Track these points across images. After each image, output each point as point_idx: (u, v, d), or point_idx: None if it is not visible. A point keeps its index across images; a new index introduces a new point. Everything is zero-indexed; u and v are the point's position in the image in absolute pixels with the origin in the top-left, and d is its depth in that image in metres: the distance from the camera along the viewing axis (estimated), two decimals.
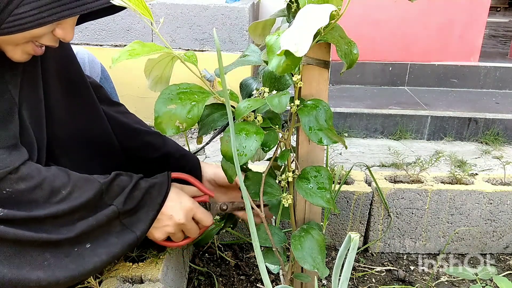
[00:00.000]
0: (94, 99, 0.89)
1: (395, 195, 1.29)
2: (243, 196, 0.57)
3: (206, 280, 1.17)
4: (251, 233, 0.56)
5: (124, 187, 0.77)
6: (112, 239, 0.75)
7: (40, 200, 0.69)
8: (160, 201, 0.81)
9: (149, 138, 0.96)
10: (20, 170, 0.68)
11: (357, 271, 1.26)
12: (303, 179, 0.71)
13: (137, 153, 0.95)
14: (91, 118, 0.88)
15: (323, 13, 0.56)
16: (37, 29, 0.63)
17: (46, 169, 0.72)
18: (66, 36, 0.68)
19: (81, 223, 0.71)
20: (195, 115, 0.64)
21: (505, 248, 1.37)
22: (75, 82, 0.86)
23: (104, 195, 0.75)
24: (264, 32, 0.82)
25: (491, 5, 3.05)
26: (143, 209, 0.79)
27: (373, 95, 2.66)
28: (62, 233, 0.69)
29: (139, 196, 0.78)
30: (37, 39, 0.67)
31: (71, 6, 0.62)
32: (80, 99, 0.87)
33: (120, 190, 0.77)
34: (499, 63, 2.87)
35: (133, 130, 0.95)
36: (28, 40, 0.66)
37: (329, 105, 0.69)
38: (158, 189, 0.81)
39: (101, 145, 0.90)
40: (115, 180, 0.77)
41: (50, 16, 0.61)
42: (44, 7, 0.60)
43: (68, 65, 0.84)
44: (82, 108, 0.87)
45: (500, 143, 2.21)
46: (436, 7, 2.68)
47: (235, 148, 0.55)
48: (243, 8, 2.26)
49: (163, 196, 0.81)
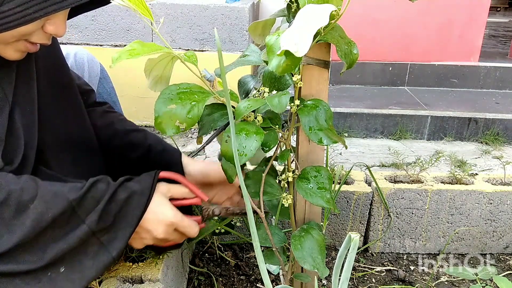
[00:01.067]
0: (80, 101, 0.87)
1: (395, 195, 1.29)
2: (243, 195, 0.57)
3: (206, 280, 1.17)
4: (251, 233, 0.56)
5: (99, 200, 0.70)
6: (87, 261, 0.70)
7: (6, 219, 0.62)
8: (138, 214, 0.73)
9: (131, 137, 0.93)
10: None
11: (357, 271, 1.26)
12: (303, 179, 0.71)
13: (121, 151, 0.92)
14: (78, 122, 0.86)
15: (323, 13, 0.56)
16: (25, 27, 0.61)
17: (14, 179, 0.65)
18: (58, 31, 0.66)
19: (52, 247, 0.66)
20: (195, 115, 0.64)
21: (505, 248, 1.37)
22: (64, 84, 0.84)
23: (77, 210, 0.68)
24: (264, 32, 0.81)
25: (491, 5, 3.05)
26: (120, 225, 0.72)
27: (373, 95, 2.66)
28: (32, 262, 0.64)
29: (115, 209, 0.71)
30: (27, 37, 0.65)
31: (57, 0, 0.59)
32: (67, 101, 0.84)
33: (95, 204, 0.69)
34: (499, 63, 2.87)
35: (115, 130, 0.93)
36: (17, 38, 0.64)
37: (329, 105, 0.69)
38: (138, 200, 0.74)
39: (86, 148, 0.87)
40: (89, 191, 0.69)
41: (37, 12, 0.59)
42: (29, 3, 0.58)
43: (57, 66, 0.83)
44: (69, 111, 0.84)
45: (500, 143, 2.21)
46: (436, 7, 2.68)
47: (235, 148, 0.55)
48: (243, 8, 2.26)
49: (142, 209, 0.74)
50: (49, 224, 0.65)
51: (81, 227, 0.68)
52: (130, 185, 0.75)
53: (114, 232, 0.72)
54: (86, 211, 0.68)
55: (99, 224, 0.69)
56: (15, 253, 0.63)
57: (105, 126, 0.93)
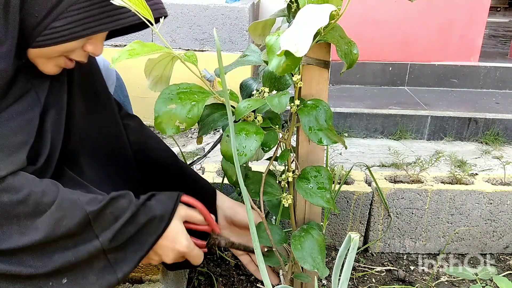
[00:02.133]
0: (116, 114, 0.87)
1: (395, 195, 1.29)
2: (243, 195, 0.57)
3: (206, 280, 1.17)
4: (251, 233, 0.56)
5: (118, 217, 0.69)
6: (91, 277, 0.68)
7: (21, 218, 0.62)
8: (153, 241, 0.73)
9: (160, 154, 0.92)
10: (6, 180, 0.62)
11: (357, 271, 1.26)
12: (303, 179, 0.71)
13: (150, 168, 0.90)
14: (113, 133, 0.86)
15: (323, 13, 0.56)
16: (69, 43, 0.64)
17: (37, 181, 0.65)
18: (96, 51, 0.70)
19: (59, 256, 0.65)
20: (195, 115, 0.64)
21: (505, 248, 1.37)
22: (99, 96, 0.84)
23: (93, 223, 0.67)
24: (264, 32, 0.81)
25: (491, 5, 3.05)
26: (133, 247, 0.71)
27: (373, 95, 2.66)
28: (37, 267, 0.63)
29: (131, 231, 0.70)
30: (68, 54, 0.68)
31: (104, 21, 0.63)
32: (103, 113, 0.85)
33: (112, 221, 0.68)
34: (499, 63, 2.87)
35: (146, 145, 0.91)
36: (60, 54, 0.67)
37: (329, 105, 0.69)
38: (156, 225, 0.73)
39: (118, 160, 0.86)
40: (108, 206, 0.68)
41: (84, 30, 0.63)
42: (79, 22, 0.62)
43: (93, 79, 0.84)
44: (104, 123, 0.84)
45: (500, 143, 2.21)
46: (436, 7, 2.68)
47: (235, 148, 0.55)
48: (243, 8, 2.26)
49: (158, 235, 0.73)
50: (62, 233, 0.64)
51: (93, 242, 0.67)
52: (151, 206, 0.74)
53: (124, 253, 0.70)
54: (102, 227, 0.67)
55: (112, 243, 0.68)
56: (22, 255, 0.63)
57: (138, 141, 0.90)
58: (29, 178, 0.65)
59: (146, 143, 0.91)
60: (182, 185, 0.86)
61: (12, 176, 0.62)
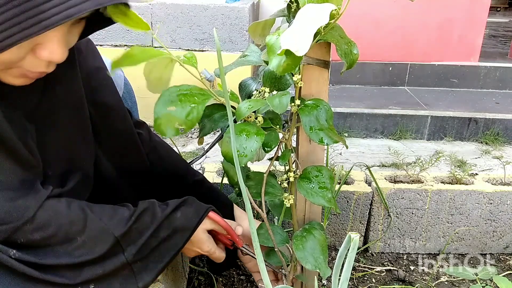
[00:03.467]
0: (130, 122, 0.85)
1: (395, 195, 1.29)
2: (243, 195, 0.57)
3: (206, 280, 1.17)
4: (251, 233, 0.56)
5: (142, 232, 0.72)
6: (115, 284, 0.71)
7: (53, 245, 0.66)
8: (174, 253, 0.76)
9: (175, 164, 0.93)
10: (36, 219, 0.63)
11: (357, 271, 1.26)
12: (304, 179, 0.71)
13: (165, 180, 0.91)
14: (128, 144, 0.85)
15: (323, 13, 0.56)
16: (5, 54, 0.51)
17: (64, 211, 0.67)
18: (52, 56, 0.56)
19: (89, 269, 0.68)
20: (195, 117, 0.63)
21: (505, 248, 1.37)
22: (109, 104, 0.81)
23: (121, 241, 0.70)
24: (264, 32, 0.81)
25: (491, 5, 3.05)
26: (154, 258, 0.74)
27: (373, 95, 2.65)
28: (67, 277, 0.66)
29: (154, 244, 0.73)
30: (16, 64, 0.56)
31: (26, 25, 0.48)
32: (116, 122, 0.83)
33: (137, 236, 0.72)
34: (499, 63, 2.86)
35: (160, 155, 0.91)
36: (5, 66, 0.56)
37: (329, 105, 0.69)
38: (178, 238, 0.76)
39: (136, 171, 0.87)
40: (135, 223, 0.72)
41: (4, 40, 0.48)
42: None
43: (102, 90, 0.80)
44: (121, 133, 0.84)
45: (500, 143, 2.21)
46: (436, 7, 2.67)
47: (235, 149, 0.55)
48: (243, 8, 2.26)
49: (178, 248, 0.76)
50: (94, 258, 0.68)
51: (119, 256, 0.70)
52: (175, 219, 0.76)
53: (145, 263, 0.73)
54: (128, 242, 0.71)
55: (136, 257, 0.72)
56: (58, 268, 0.66)
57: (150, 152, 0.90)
58: (55, 208, 0.66)
59: (159, 153, 0.91)
60: (199, 196, 0.87)
61: (41, 211, 0.64)
